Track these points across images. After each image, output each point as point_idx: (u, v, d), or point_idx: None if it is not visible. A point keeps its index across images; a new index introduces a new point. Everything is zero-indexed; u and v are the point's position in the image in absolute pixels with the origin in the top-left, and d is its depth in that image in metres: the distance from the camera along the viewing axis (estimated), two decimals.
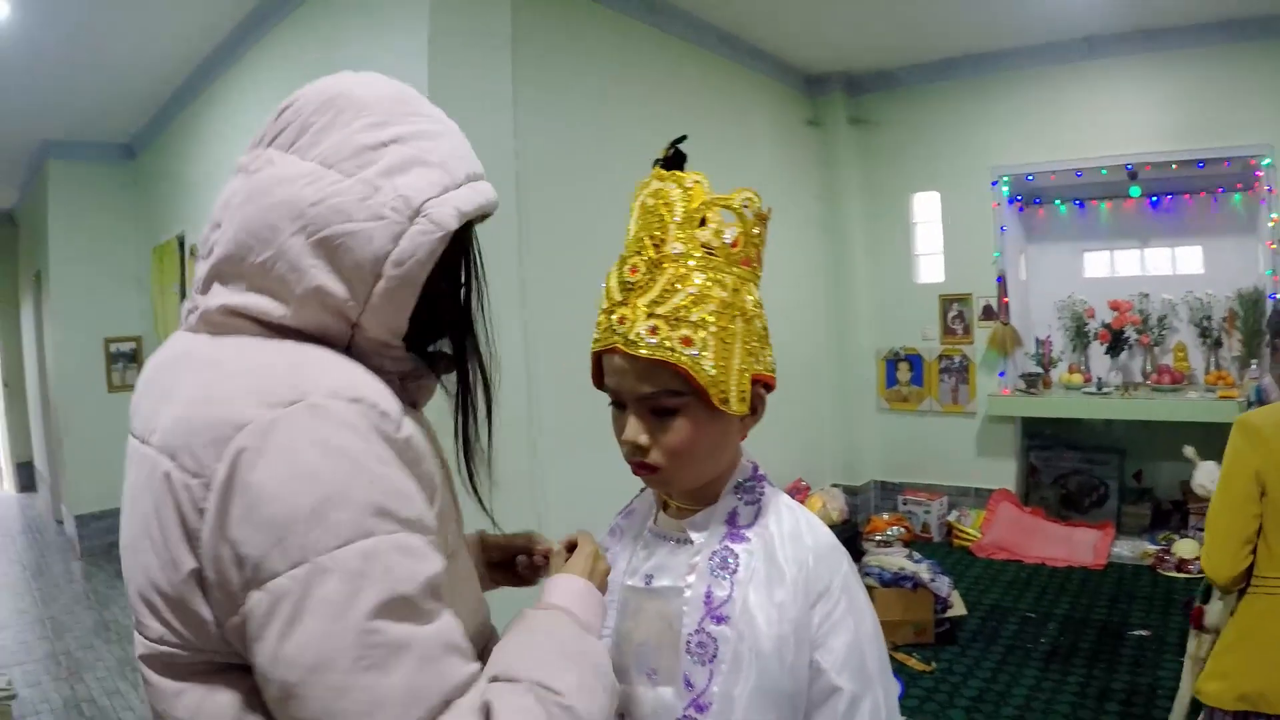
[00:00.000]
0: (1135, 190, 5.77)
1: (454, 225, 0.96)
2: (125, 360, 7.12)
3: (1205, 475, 3.14)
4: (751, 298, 1.23)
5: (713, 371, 1.15)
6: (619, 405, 1.23)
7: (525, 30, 3.80)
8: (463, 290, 1.11)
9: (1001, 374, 6.17)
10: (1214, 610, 2.67)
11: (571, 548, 1.25)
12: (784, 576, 1.19)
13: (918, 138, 6.43)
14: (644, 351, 1.14)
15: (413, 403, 1.07)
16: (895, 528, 5.71)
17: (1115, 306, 5.89)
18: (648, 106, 4.70)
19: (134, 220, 7.12)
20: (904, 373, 6.64)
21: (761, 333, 1.25)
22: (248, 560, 0.80)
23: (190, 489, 0.84)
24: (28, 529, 8.68)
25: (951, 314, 6.38)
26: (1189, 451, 3.34)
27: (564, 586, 1.15)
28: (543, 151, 3.90)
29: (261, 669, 0.81)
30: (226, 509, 0.81)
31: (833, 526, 4.39)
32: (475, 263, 1.12)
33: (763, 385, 1.26)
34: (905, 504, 6.39)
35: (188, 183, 5.86)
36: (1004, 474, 6.24)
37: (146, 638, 0.90)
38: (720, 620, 1.18)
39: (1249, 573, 2.17)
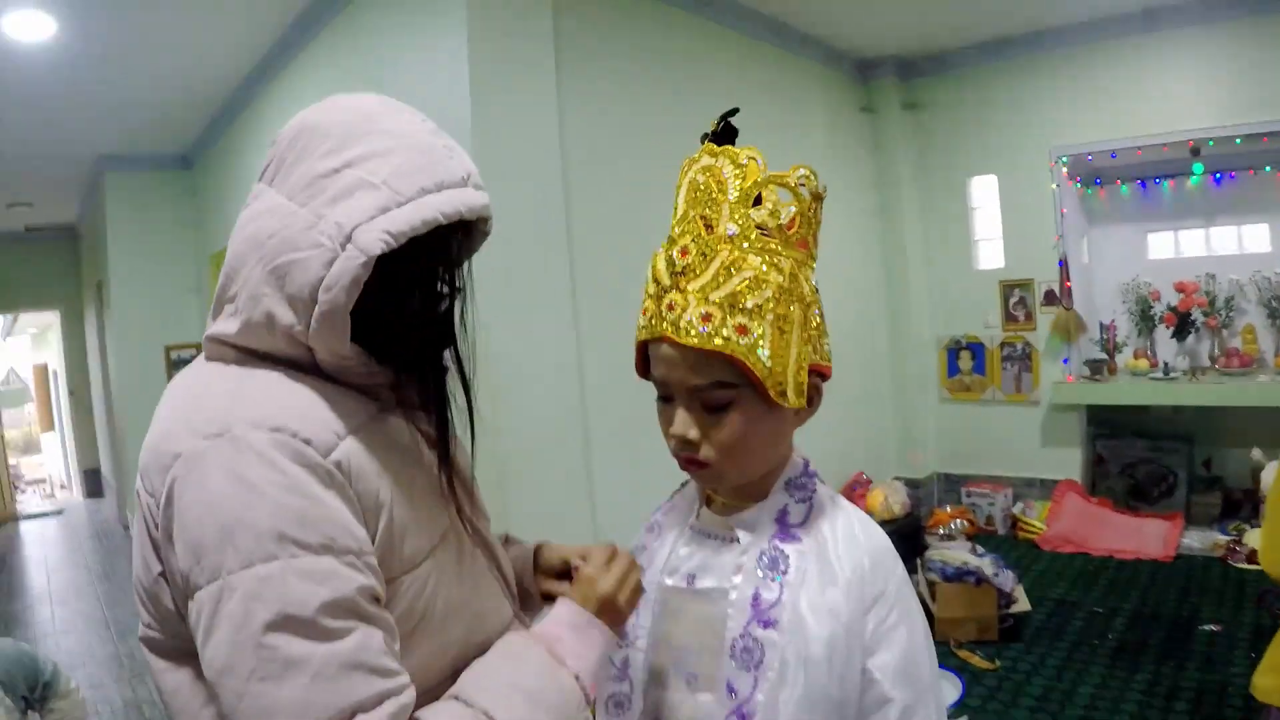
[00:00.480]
0: (1198, 167, 5.59)
1: (378, 250, 0.97)
2: (186, 367, 7.18)
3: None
4: (808, 283, 1.16)
5: (769, 363, 1.09)
6: (666, 397, 1.17)
7: (568, 26, 3.79)
8: (445, 300, 1.13)
9: (1065, 361, 6.01)
10: None
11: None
12: (837, 579, 1.13)
13: (973, 120, 6.28)
14: (696, 341, 1.08)
15: (420, 406, 1.15)
16: (958, 521, 5.61)
17: (1181, 288, 5.72)
18: (696, 98, 4.62)
19: (192, 229, 7.22)
20: (966, 361, 6.49)
21: (819, 320, 1.18)
22: (180, 573, 0.92)
23: (149, 506, 0.97)
24: (95, 534, 8.87)
25: (1013, 300, 6.23)
26: (1256, 454, 3.16)
27: (560, 614, 1.15)
28: (590, 147, 3.87)
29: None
30: (169, 527, 0.93)
31: (895, 520, 4.43)
32: (456, 271, 1.14)
33: (819, 375, 1.19)
34: (969, 496, 6.26)
35: (242, 191, 5.86)
36: (1069, 464, 6.07)
37: (142, 623, 1.04)
38: (768, 624, 1.12)
39: None
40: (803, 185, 1.14)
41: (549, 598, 1.33)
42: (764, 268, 1.09)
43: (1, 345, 15.46)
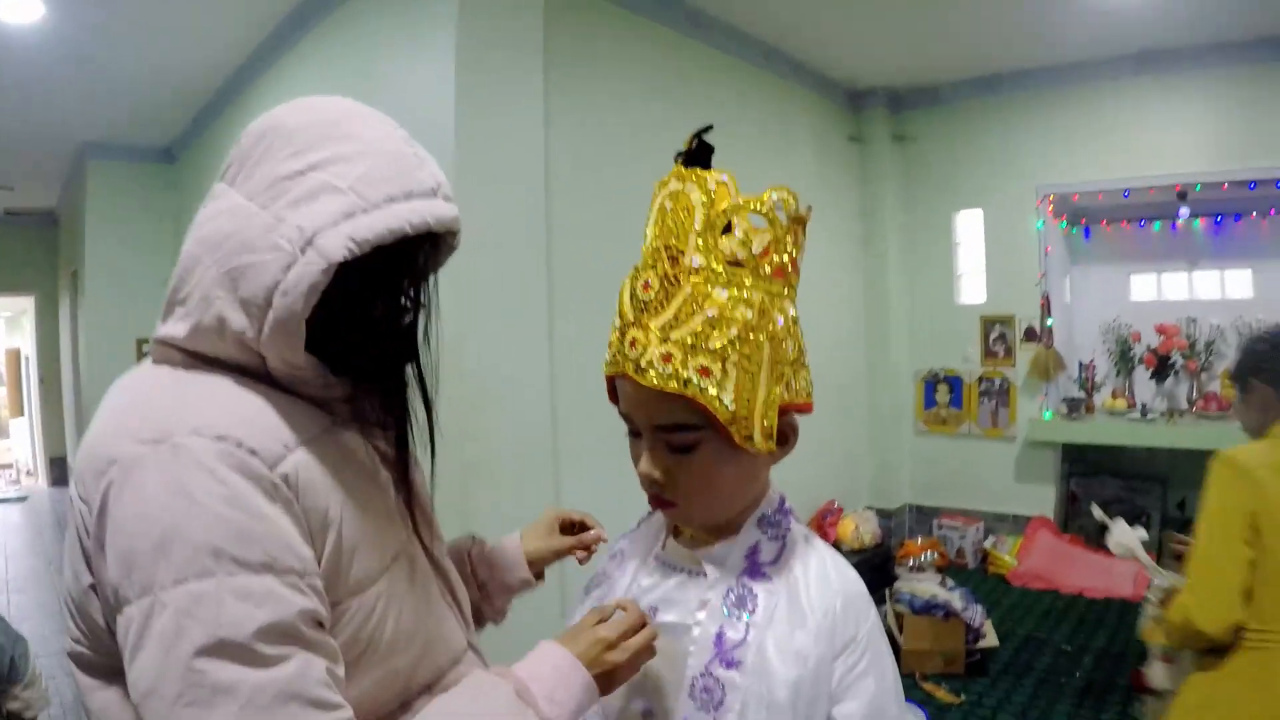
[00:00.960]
0: (1184, 211, 5.60)
1: (340, 257, 0.93)
2: (130, 370, 7.09)
3: (1124, 534, 2.72)
4: (784, 316, 1.10)
5: (733, 407, 1.04)
6: (634, 432, 1.13)
7: (558, 41, 3.76)
8: (408, 313, 1.09)
9: (1043, 397, 6.01)
10: (1157, 672, 2.44)
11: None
12: (806, 622, 1.09)
13: (961, 155, 6.30)
14: (656, 382, 1.03)
15: (379, 422, 1.11)
16: (929, 553, 5.55)
17: (1162, 331, 5.71)
18: (686, 119, 4.50)
19: (171, 222, 7.12)
20: (943, 394, 6.49)
21: (795, 355, 1.13)
22: (110, 584, 0.87)
23: (83, 513, 0.91)
24: (57, 522, 8.78)
25: (993, 335, 6.24)
26: (1098, 513, 3.02)
27: (541, 655, 1.08)
28: (575, 160, 3.84)
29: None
30: (101, 536, 0.88)
31: (865, 550, 4.42)
32: (421, 284, 1.10)
33: (796, 411, 1.15)
34: (941, 529, 6.25)
35: None
36: (1043, 500, 6.06)
37: (70, 636, 0.98)
38: (731, 664, 1.08)
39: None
40: (779, 209, 1.09)
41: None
42: (730, 304, 1.05)
43: None
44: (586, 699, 1.06)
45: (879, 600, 4.92)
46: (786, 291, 1.13)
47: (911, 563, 5.34)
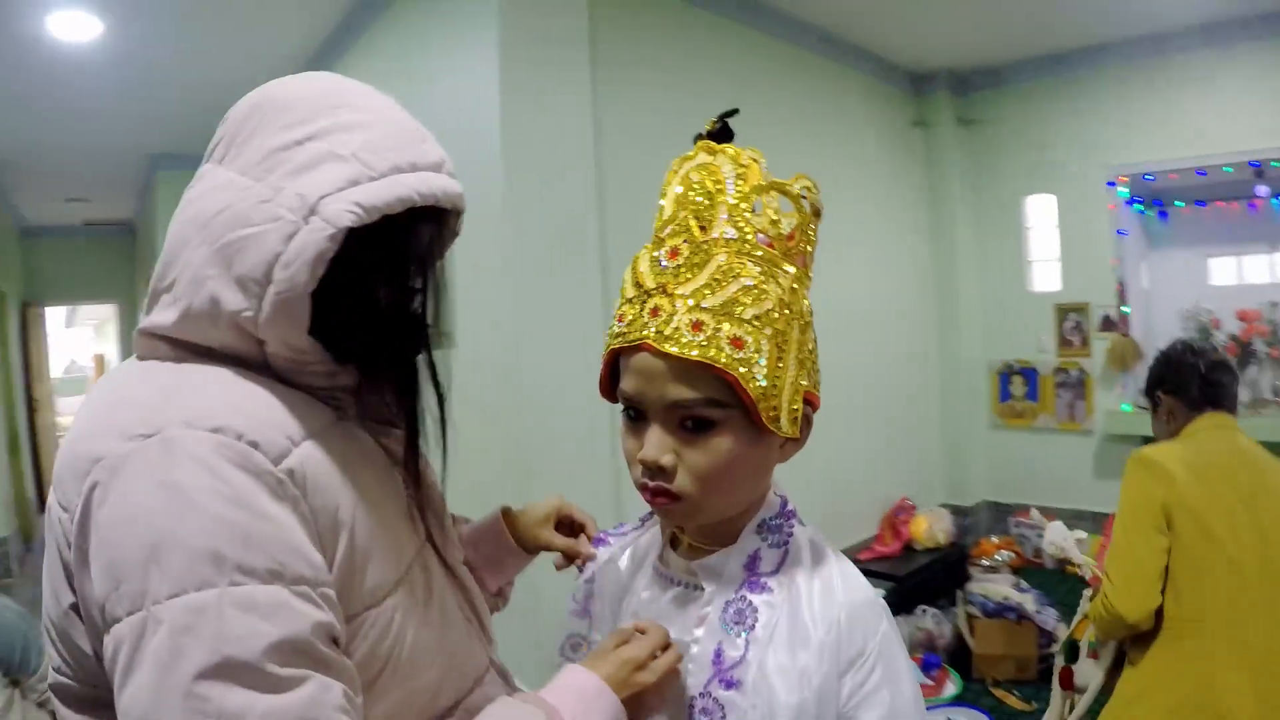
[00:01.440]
0: (1262, 189, 5.33)
1: (347, 222, 0.86)
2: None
3: (1057, 535, 3.10)
4: (806, 302, 1.04)
5: (764, 383, 0.96)
6: (636, 415, 1.03)
7: (606, 34, 3.73)
8: (417, 297, 1.01)
9: (1121, 389, 5.79)
10: (1085, 669, 2.55)
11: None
12: (809, 639, 1.01)
13: (1029, 137, 6.09)
14: (684, 351, 0.94)
15: (387, 419, 1.03)
16: (1004, 553, 5.40)
17: (1243, 316, 5.47)
18: (743, 109, 4.51)
19: None
20: (1018, 387, 6.29)
21: (814, 345, 1.05)
22: (95, 600, 0.78)
23: (63, 522, 0.82)
24: None
25: (1068, 324, 6.03)
26: (1035, 515, 3.08)
27: (570, 681, 0.99)
28: (628, 158, 3.78)
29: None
30: (84, 545, 0.79)
31: (939, 549, 4.32)
32: (429, 268, 1.01)
33: (809, 405, 1.06)
34: (1017, 527, 6.05)
35: None
36: None
37: (52, 666, 0.89)
38: (730, 685, 1.00)
39: (1158, 614, 2.09)
40: (804, 197, 1.03)
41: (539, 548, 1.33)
42: (763, 278, 0.97)
43: (63, 335, 15.78)
44: (611, 715, 0.99)
45: (951, 603, 4.79)
46: (806, 281, 1.06)
47: (985, 562, 5.20)
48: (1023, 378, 6.26)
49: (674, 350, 0.95)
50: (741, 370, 0.95)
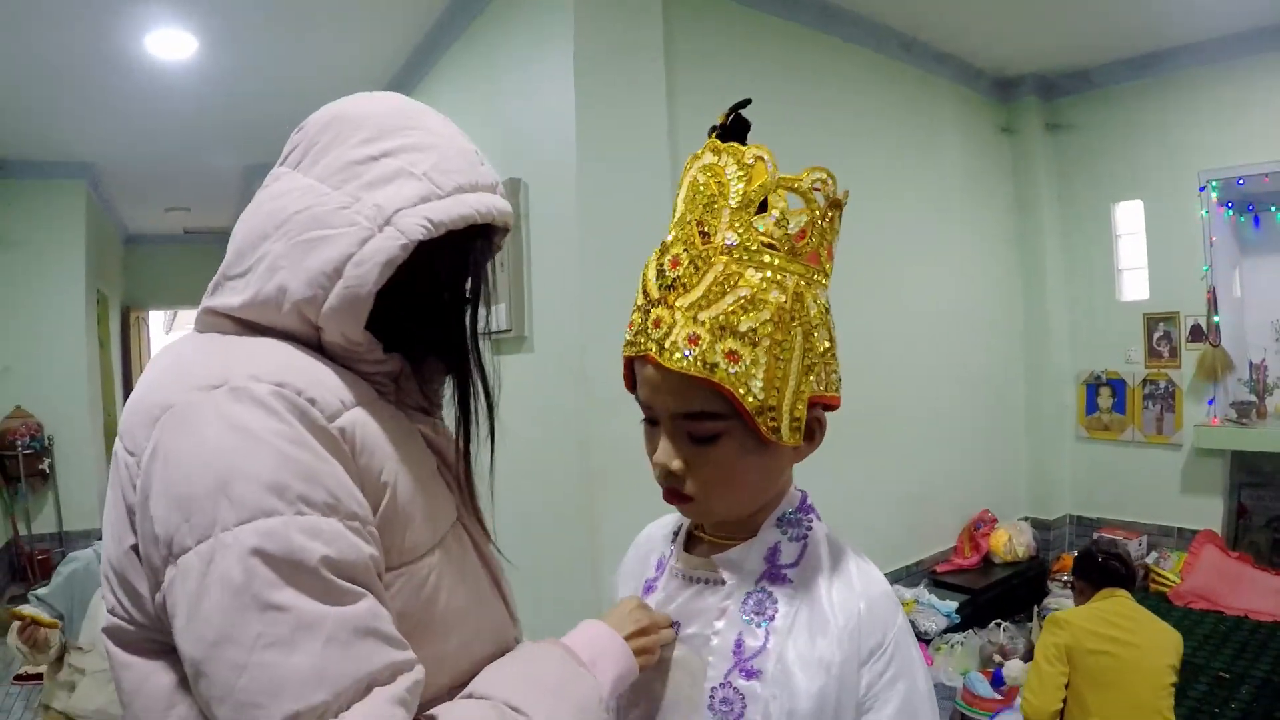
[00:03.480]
0: None
1: (419, 235, 0.95)
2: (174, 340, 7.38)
3: (1016, 670, 4.09)
4: (817, 304, 1.03)
5: (762, 395, 0.97)
6: (651, 420, 1.06)
7: (682, 45, 3.79)
8: (468, 305, 1.09)
9: (1211, 401, 5.58)
10: None
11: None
12: (828, 628, 1.02)
13: (1118, 142, 5.91)
14: (680, 365, 0.97)
15: (421, 407, 1.11)
16: None
17: None
18: (820, 117, 4.53)
19: None
20: (1105, 399, 6.10)
21: (827, 346, 1.04)
22: (161, 536, 0.82)
23: (129, 466, 0.88)
24: None
25: (1157, 334, 5.83)
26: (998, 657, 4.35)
27: (583, 629, 1.10)
28: None
29: (178, 645, 0.81)
30: (150, 485, 0.84)
31: (1018, 563, 4.25)
32: (483, 278, 1.09)
33: (824, 407, 1.06)
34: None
35: None
36: (1210, 514, 5.60)
37: (106, 609, 0.93)
38: (750, 675, 1.02)
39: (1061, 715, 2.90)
40: (817, 190, 1.01)
41: None
42: (764, 285, 0.97)
43: (163, 339, 16.27)
44: (625, 668, 1.07)
45: (1026, 618, 4.68)
46: (820, 278, 1.05)
47: (1065, 578, 5.07)
48: (1110, 389, 6.09)
49: (671, 364, 0.97)
50: (736, 384, 0.96)
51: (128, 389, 9.97)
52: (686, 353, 0.96)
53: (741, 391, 0.96)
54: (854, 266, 3.16)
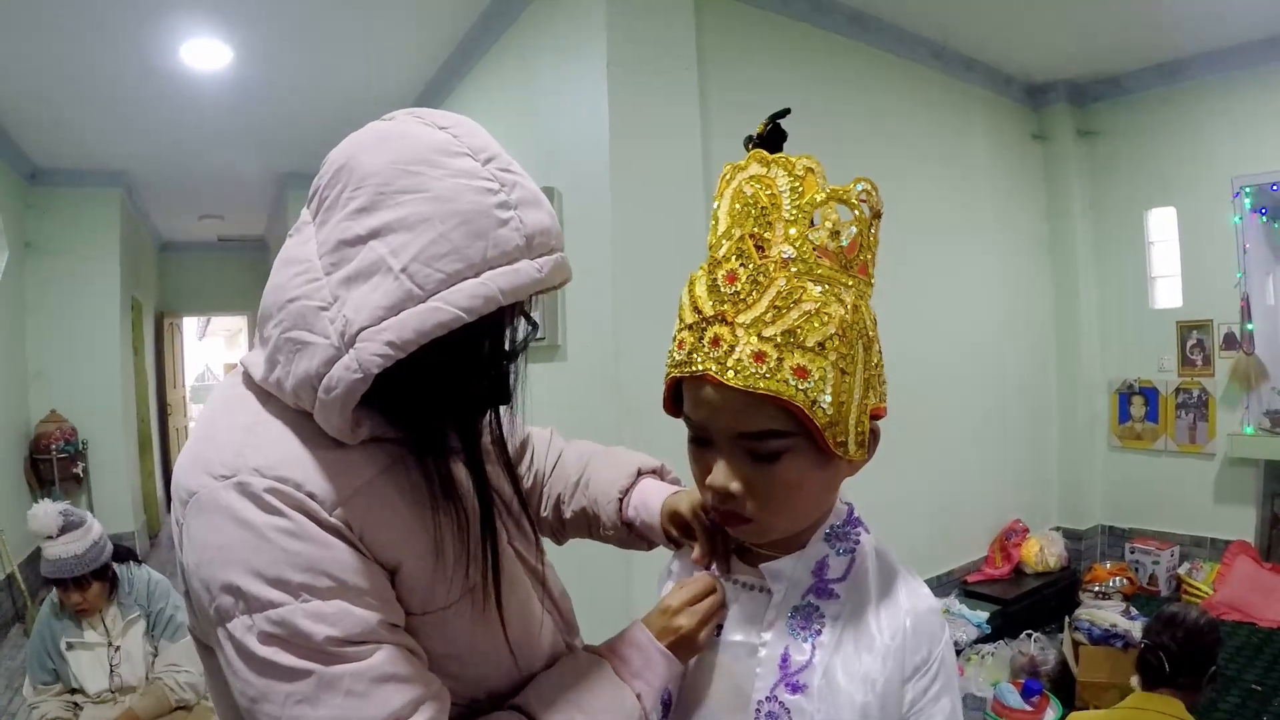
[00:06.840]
0: None
1: (375, 369, 0.89)
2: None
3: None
4: (870, 315, 1.01)
5: (831, 411, 0.94)
6: (702, 441, 1.03)
7: (714, 53, 3.80)
8: (489, 377, 1.02)
9: (1245, 410, 5.51)
10: None
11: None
12: (874, 644, 1.02)
13: (1150, 148, 5.86)
14: (748, 384, 0.93)
15: (454, 447, 1.07)
16: (1118, 578, 5.22)
17: None
18: (852, 124, 4.53)
19: None
20: (1138, 407, 6.04)
21: (879, 358, 1.04)
22: (198, 609, 0.95)
23: (176, 527, 0.98)
24: None
25: (1190, 343, 5.77)
26: None
27: (632, 637, 1.13)
28: None
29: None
30: (185, 559, 0.95)
31: (1049, 573, 4.22)
32: (491, 358, 1.01)
33: (872, 417, 1.04)
34: (1133, 553, 5.79)
35: None
36: (1244, 524, 5.52)
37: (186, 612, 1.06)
38: (796, 689, 1.01)
39: None
40: (863, 201, 0.99)
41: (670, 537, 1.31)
42: (825, 299, 0.94)
43: (197, 346, 16.41)
44: (669, 672, 1.10)
45: (1058, 629, 4.65)
46: (868, 290, 1.03)
47: (1097, 588, 5.03)
48: (1143, 398, 6.03)
49: (737, 383, 0.93)
50: (807, 400, 0.93)
51: (160, 394, 10.09)
52: (754, 370, 0.93)
53: (812, 407, 0.93)
54: (886, 274, 3.14)
